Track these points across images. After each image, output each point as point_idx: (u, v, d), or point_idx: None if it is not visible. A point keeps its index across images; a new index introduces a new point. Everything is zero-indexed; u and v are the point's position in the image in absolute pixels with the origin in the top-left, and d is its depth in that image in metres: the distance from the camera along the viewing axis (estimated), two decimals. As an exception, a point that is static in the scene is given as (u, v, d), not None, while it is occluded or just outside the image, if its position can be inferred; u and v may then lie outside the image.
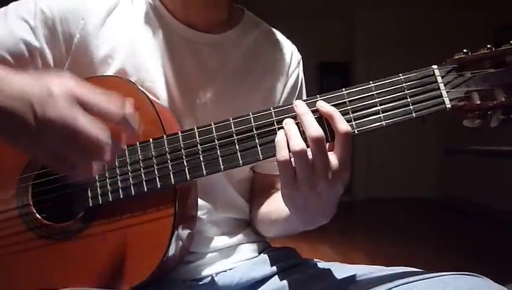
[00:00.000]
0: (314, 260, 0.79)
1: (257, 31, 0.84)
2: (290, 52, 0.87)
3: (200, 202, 0.74)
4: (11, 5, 0.73)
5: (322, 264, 0.77)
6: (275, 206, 0.76)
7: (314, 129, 0.57)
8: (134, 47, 0.73)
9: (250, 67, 0.81)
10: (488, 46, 0.57)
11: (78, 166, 0.54)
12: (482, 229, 4.20)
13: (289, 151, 0.57)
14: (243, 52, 0.81)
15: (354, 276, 0.68)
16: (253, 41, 0.83)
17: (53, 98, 0.50)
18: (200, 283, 0.75)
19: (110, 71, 0.72)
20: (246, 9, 0.86)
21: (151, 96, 0.68)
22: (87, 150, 0.52)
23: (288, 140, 0.58)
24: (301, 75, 0.88)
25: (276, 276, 0.75)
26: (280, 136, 0.59)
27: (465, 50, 0.58)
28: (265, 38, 0.85)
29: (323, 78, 6.05)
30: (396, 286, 0.60)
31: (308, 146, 0.57)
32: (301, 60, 0.88)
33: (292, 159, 0.57)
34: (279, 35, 0.88)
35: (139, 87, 0.69)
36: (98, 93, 0.54)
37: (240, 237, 0.81)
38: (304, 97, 0.89)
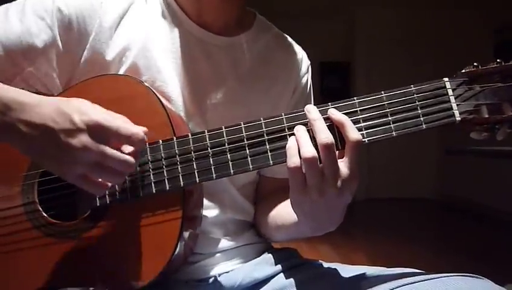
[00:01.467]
0: (316, 260, 0.80)
1: (268, 35, 0.85)
2: (300, 57, 0.87)
3: (205, 203, 0.74)
4: (29, 1, 0.73)
5: (322, 265, 0.78)
6: (282, 210, 0.76)
7: (325, 135, 0.57)
8: (147, 46, 0.74)
9: (260, 72, 0.81)
10: (498, 60, 0.57)
11: (103, 185, 0.60)
12: (482, 229, 4.20)
13: (300, 158, 0.57)
14: (254, 56, 0.82)
15: (355, 277, 0.69)
16: (265, 46, 0.83)
17: (76, 131, 0.57)
18: (203, 283, 0.75)
19: (123, 70, 0.73)
20: (247, 8, 0.86)
21: (162, 99, 0.69)
22: (114, 174, 0.59)
23: (300, 147, 0.58)
24: (310, 81, 0.89)
25: (278, 276, 0.76)
26: (291, 143, 0.59)
27: (475, 63, 0.59)
28: (276, 43, 0.85)
29: (324, 78, 6.04)
30: (397, 287, 0.60)
31: (318, 153, 0.57)
32: (310, 66, 0.89)
33: (302, 166, 0.58)
34: (290, 40, 0.89)
35: (151, 88, 0.69)
36: (115, 117, 0.60)
37: (243, 238, 0.81)
38: (312, 102, 0.89)
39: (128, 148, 0.60)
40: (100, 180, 0.60)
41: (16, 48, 0.70)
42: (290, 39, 0.89)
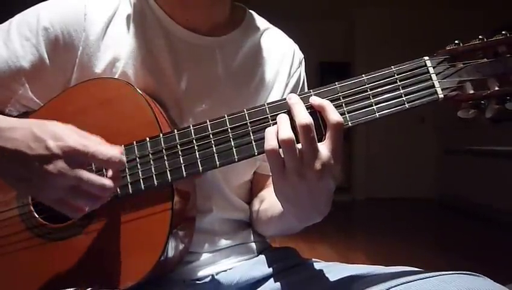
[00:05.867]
0: (314, 259, 0.79)
1: (259, 31, 0.83)
2: (292, 51, 0.86)
3: (200, 203, 0.74)
4: (14, 22, 0.73)
5: (321, 264, 0.77)
6: (271, 203, 0.76)
7: (303, 117, 0.57)
8: (135, 53, 0.73)
9: (252, 69, 0.80)
10: (480, 36, 0.57)
11: (79, 209, 0.60)
12: (482, 229, 4.19)
13: (278, 142, 0.57)
14: (246, 54, 0.80)
15: (353, 276, 0.68)
16: (256, 42, 0.82)
17: (51, 157, 0.57)
18: (200, 282, 0.74)
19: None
20: (237, 4, 0.85)
21: (148, 98, 0.69)
22: (91, 198, 0.59)
23: (278, 130, 0.58)
24: (303, 75, 0.87)
25: (276, 276, 0.75)
26: (270, 128, 0.59)
27: (456, 41, 0.58)
28: (267, 38, 0.84)
29: (323, 78, 6.04)
30: (395, 286, 0.60)
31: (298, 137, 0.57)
32: (303, 59, 0.88)
33: (281, 150, 0.57)
34: (282, 35, 0.88)
35: (137, 89, 0.69)
36: (90, 139, 0.60)
37: (240, 237, 0.81)
38: None
39: (109, 172, 0.61)
40: (77, 204, 0.59)
41: (5, 73, 0.71)
42: (281, 33, 0.88)
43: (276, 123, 0.60)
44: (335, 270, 0.71)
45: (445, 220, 4.83)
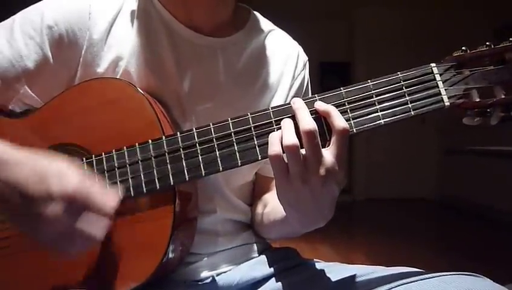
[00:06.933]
0: (314, 260, 0.79)
1: (264, 32, 0.83)
2: (297, 53, 0.85)
3: (201, 205, 0.73)
4: (17, 20, 0.73)
5: (321, 265, 0.77)
6: (273, 206, 0.76)
7: (307, 122, 0.57)
8: (138, 52, 0.73)
9: (256, 71, 0.80)
10: (487, 43, 0.56)
11: (70, 251, 0.59)
12: (482, 229, 4.20)
13: (282, 147, 0.57)
14: (249, 55, 0.80)
15: (354, 276, 0.68)
16: (260, 43, 0.82)
17: (49, 200, 0.55)
18: (201, 283, 0.74)
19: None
20: (241, 5, 0.84)
21: (150, 98, 0.68)
22: (77, 246, 0.58)
23: (282, 136, 0.58)
24: (307, 77, 0.87)
25: (277, 276, 0.75)
26: (274, 133, 0.59)
27: (463, 48, 0.58)
28: (272, 40, 0.83)
29: (324, 78, 6.04)
30: (396, 286, 0.60)
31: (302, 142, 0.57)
32: (307, 62, 0.87)
33: (284, 155, 0.57)
34: (286, 36, 0.87)
35: (139, 89, 0.69)
36: (92, 187, 0.58)
37: (240, 238, 0.80)
38: None
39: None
40: (67, 248, 0.59)
41: (9, 73, 0.70)
42: (285, 35, 0.87)
43: (280, 128, 0.59)
44: (336, 271, 0.71)
45: (446, 221, 4.84)
